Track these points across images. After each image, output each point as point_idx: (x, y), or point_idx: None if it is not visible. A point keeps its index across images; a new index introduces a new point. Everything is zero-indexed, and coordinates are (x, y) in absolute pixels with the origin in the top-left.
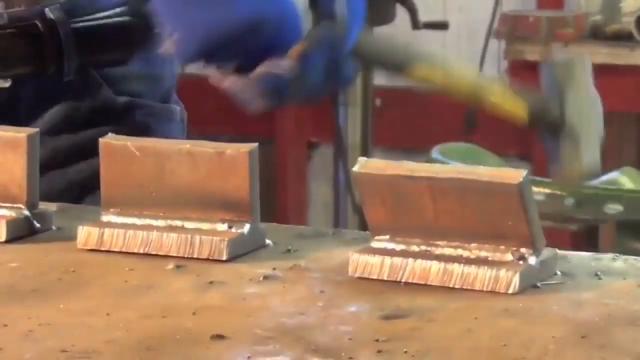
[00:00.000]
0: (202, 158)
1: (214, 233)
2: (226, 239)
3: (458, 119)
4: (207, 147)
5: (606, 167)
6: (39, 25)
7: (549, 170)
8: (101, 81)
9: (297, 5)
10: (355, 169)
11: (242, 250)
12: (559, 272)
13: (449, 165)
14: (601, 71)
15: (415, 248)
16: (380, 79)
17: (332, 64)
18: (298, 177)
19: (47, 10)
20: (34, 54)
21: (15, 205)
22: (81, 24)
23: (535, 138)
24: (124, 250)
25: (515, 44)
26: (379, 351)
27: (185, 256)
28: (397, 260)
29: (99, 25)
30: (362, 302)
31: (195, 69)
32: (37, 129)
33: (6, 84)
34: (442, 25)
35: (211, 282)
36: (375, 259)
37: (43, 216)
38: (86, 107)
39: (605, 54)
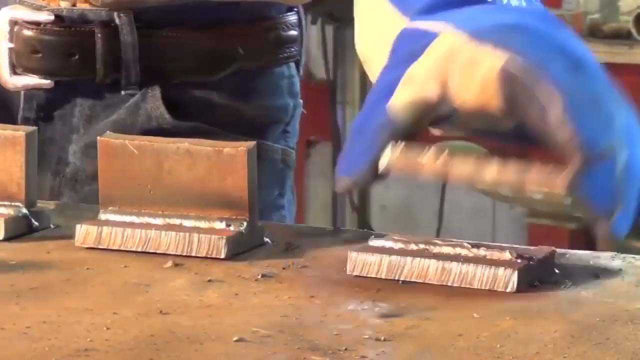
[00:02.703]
0: (200, 156)
1: (213, 231)
2: (224, 237)
3: None
4: (205, 145)
5: None
6: (96, 30)
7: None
8: (159, 102)
9: None
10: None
11: (241, 249)
12: (557, 271)
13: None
14: None
15: (413, 247)
16: None
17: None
18: (296, 175)
19: (116, 14)
20: (84, 60)
21: (13, 204)
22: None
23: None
24: (122, 248)
25: None
26: (377, 349)
27: (184, 254)
28: (395, 258)
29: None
30: (360, 300)
31: None
32: (35, 127)
33: (47, 83)
34: None
35: (209, 280)
36: (374, 258)
37: (41, 214)
38: (137, 128)
39: (604, 53)
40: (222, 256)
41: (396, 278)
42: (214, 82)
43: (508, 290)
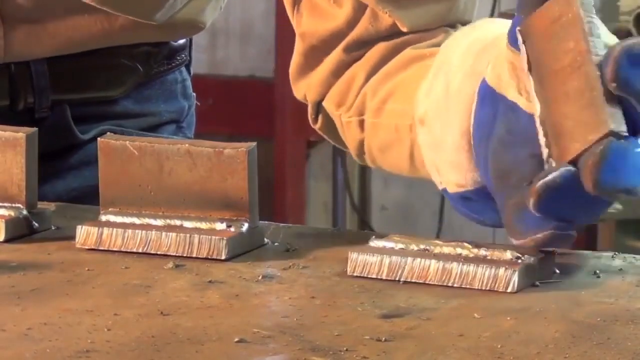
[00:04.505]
0: (200, 157)
1: (213, 232)
2: (225, 238)
3: None
4: (205, 146)
5: None
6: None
7: None
8: (71, 123)
9: None
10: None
11: (241, 250)
12: (557, 271)
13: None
14: None
15: (414, 247)
16: None
17: None
18: (297, 175)
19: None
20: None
21: (14, 205)
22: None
23: None
24: (123, 249)
25: None
26: (378, 350)
27: (185, 255)
28: (396, 259)
29: (81, 63)
30: (360, 301)
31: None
32: (35, 129)
33: None
34: None
35: (210, 281)
36: (374, 258)
37: (42, 216)
38: (52, 147)
39: None
40: (223, 257)
41: (397, 278)
42: (115, 95)
43: (509, 290)
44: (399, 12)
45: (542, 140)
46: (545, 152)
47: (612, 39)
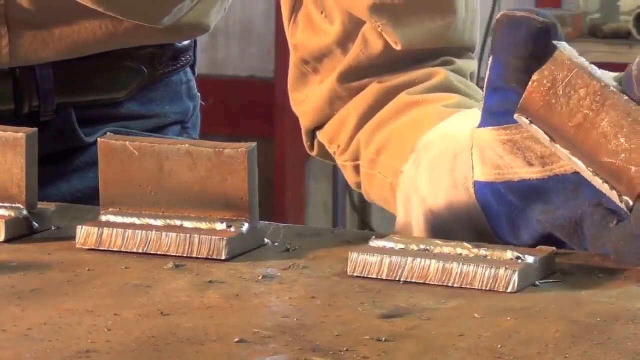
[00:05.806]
0: (201, 157)
1: (213, 232)
2: (225, 238)
3: None
4: (205, 146)
5: None
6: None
7: None
8: (76, 126)
9: None
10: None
11: (241, 250)
12: (557, 271)
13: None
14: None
15: (414, 247)
16: None
17: None
18: (297, 176)
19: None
20: (5, 92)
21: (14, 205)
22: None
23: None
24: (123, 249)
25: None
26: (378, 350)
27: (185, 255)
28: (396, 259)
29: (86, 66)
30: (361, 301)
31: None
32: (35, 129)
33: None
34: None
35: (210, 282)
36: (374, 258)
37: (42, 216)
38: (56, 150)
39: (604, 53)
40: (223, 257)
41: (397, 279)
42: (120, 98)
43: (509, 290)
44: (393, 28)
45: (604, 187)
46: (613, 195)
47: (610, 73)
